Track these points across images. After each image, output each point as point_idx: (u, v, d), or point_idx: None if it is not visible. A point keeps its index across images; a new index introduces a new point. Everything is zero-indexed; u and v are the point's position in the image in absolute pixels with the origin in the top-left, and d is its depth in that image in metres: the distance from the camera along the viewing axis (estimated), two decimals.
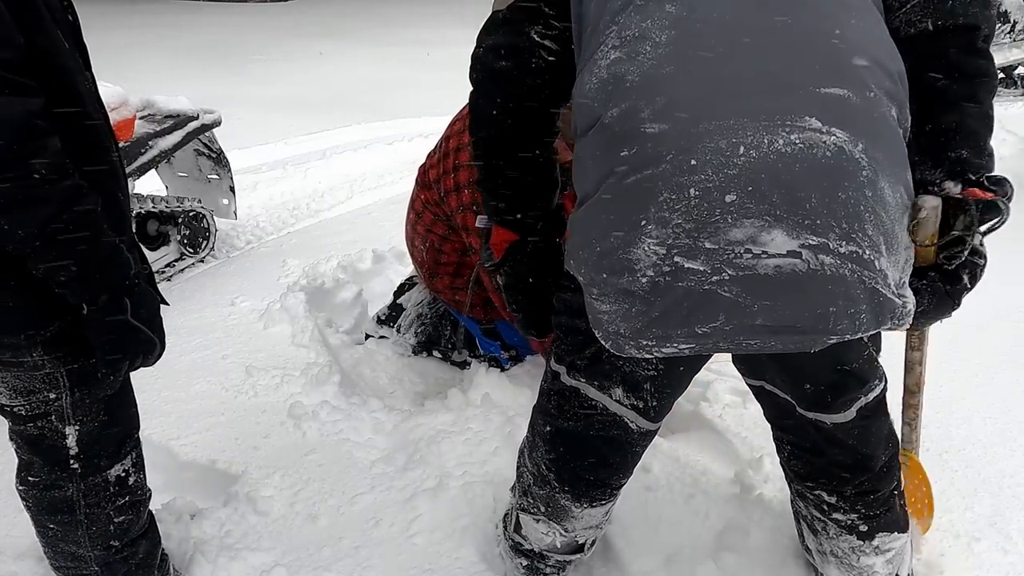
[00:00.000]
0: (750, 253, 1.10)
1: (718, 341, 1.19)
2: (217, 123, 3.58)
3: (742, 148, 1.08)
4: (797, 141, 1.08)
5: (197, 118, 3.47)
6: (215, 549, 1.84)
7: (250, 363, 2.60)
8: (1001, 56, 7.37)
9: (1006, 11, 7.31)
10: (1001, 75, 7.63)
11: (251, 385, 2.49)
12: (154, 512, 1.70)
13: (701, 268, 1.12)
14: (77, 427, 1.43)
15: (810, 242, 1.10)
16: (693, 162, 1.10)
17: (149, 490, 1.63)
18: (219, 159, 3.73)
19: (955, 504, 1.96)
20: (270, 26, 11.56)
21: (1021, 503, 1.97)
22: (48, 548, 1.58)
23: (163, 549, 1.72)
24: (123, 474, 1.53)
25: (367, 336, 2.82)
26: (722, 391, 2.39)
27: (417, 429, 2.25)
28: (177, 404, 2.39)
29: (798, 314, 1.14)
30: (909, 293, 1.23)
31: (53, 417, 1.42)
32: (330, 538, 1.90)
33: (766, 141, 1.08)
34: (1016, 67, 7.60)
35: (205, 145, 3.67)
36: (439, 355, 2.71)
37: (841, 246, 1.10)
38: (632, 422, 1.46)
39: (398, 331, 2.75)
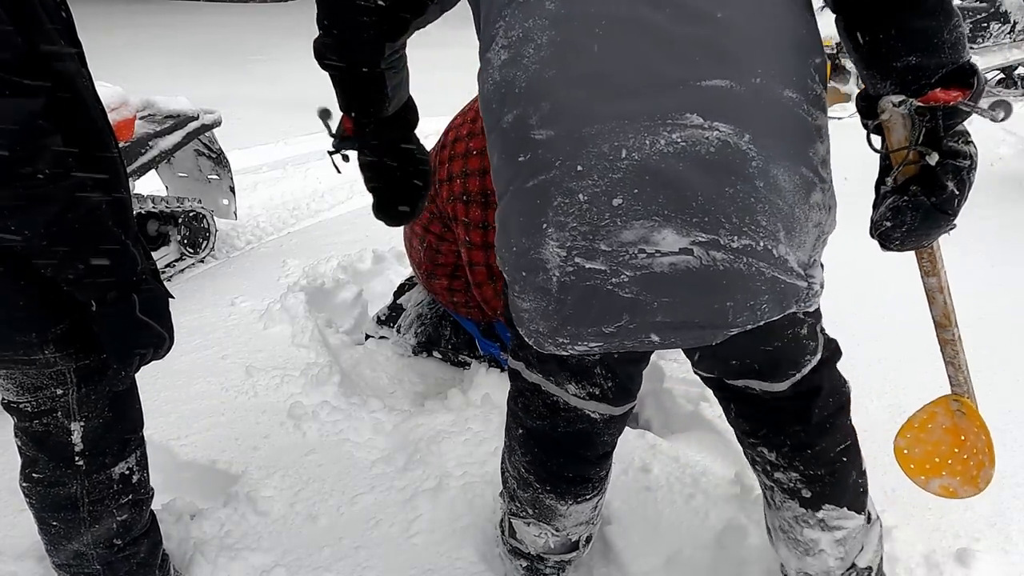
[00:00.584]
0: (644, 252, 1.11)
1: (624, 339, 1.21)
2: (217, 123, 3.58)
3: (624, 151, 1.08)
4: (679, 140, 1.07)
5: (197, 118, 3.47)
6: (215, 549, 1.84)
7: (250, 363, 2.60)
8: (1001, 56, 7.35)
9: (1006, 11, 7.29)
10: (1001, 75, 7.62)
11: (251, 385, 2.49)
12: (155, 512, 1.70)
13: (601, 268, 1.14)
14: (82, 423, 1.44)
15: (700, 239, 1.10)
16: (579, 168, 1.11)
17: (152, 489, 1.64)
18: (219, 159, 3.73)
19: (955, 504, 1.96)
20: (270, 26, 11.55)
21: (1021, 503, 1.97)
22: (50, 546, 1.58)
23: (163, 549, 1.72)
24: (127, 472, 1.54)
25: (367, 336, 2.82)
26: None
27: (417, 429, 2.25)
28: (177, 404, 2.39)
29: (695, 310, 1.16)
30: (818, 273, 1.23)
31: (59, 413, 1.43)
32: (330, 538, 1.90)
33: (648, 143, 1.08)
34: (1016, 67, 7.59)
35: (205, 145, 3.68)
36: (439, 355, 2.71)
37: (733, 241, 1.10)
38: (594, 412, 1.45)
39: (398, 331, 2.76)
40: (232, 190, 3.79)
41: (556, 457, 1.52)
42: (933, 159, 1.14)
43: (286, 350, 2.72)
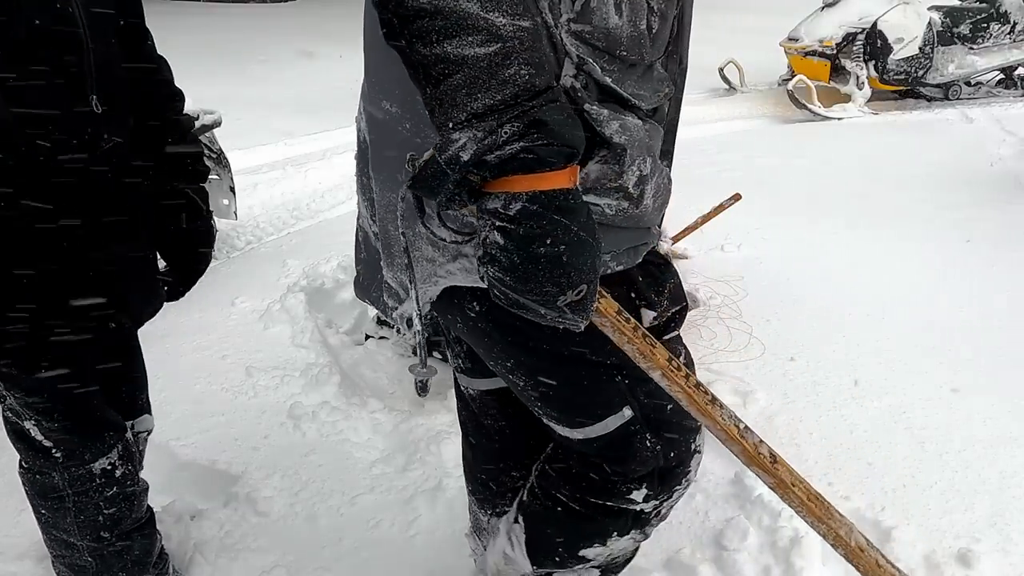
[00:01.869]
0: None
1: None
2: (217, 123, 3.58)
3: (362, 110, 1.19)
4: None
5: (197, 118, 3.47)
6: (215, 550, 1.85)
7: (250, 363, 2.60)
8: (1001, 56, 7.34)
9: (1006, 11, 7.28)
10: (1001, 76, 7.61)
11: (251, 385, 2.50)
12: (153, 510, 1.70)
13: (364, 212, 1.25)
14: (34, 424, 1.44)
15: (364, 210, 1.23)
16: None
17: (144, 482, 1.63)
18: (219, 159, 3.73)
19: (955, 504, 1.96)
20: (270, 26, 11.55)
21: (1021, 503, 1.97)
22: (44, 535, 1.59)
23: (163, 548, 1.72)
24: (109, 467, 1.52)
25: (367, 336, 2.82)
26: (722, 391, 2.39)
27: (417, 430, 2.25)
28: (177, 404, 2.39)
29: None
30: (404, 306, 1.17)
31: (10, 413, 1.45)
32: (330, 539, 1.90)
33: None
34: (1016, 68, 7.59)
35: (205, 145, 3.67)
36: (439, 355, 2.71)
37: (373, 225, 1.19)
38: (466, 387, 1.39)
39: (398, 332, 2.75)
40: (232, 190, 3.78)
41: (465, 443, 1.48)
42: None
43: (286, 350, 2.72)
